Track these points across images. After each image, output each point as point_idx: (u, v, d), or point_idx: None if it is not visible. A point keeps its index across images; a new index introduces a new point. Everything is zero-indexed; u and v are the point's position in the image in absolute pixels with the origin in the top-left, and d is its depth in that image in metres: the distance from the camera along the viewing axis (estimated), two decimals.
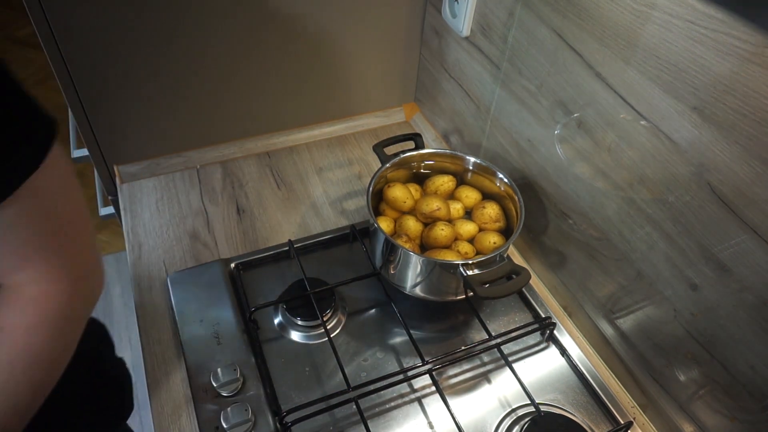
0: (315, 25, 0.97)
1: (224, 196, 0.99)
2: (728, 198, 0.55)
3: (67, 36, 0.81)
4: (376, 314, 0.84)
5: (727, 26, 0.50)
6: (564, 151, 0.77)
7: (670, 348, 0.67)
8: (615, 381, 0.79)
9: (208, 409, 0.69)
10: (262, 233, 0.93)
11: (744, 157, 0.52)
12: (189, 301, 0.81)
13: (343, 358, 0.74)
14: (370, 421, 0.71)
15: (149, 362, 0.76)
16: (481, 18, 0.87)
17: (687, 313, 0.63)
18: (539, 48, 0.76)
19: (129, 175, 1.00)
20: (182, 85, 0.95)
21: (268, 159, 1.07)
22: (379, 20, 1.02)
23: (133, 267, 0.86)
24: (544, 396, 0.76)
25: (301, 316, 0.79)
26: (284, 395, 0.73)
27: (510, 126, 0.88)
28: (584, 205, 0.76)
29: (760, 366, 0.56)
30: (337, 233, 0.92)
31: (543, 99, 0.78)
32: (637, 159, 0.65)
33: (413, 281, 0.78)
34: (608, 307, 0.77)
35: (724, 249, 0.57)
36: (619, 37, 0.62)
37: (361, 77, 1.10)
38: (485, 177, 0.85)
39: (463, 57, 0.96)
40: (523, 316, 0.86)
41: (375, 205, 0.83)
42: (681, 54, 0.55)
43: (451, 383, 0.77)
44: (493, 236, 0.79)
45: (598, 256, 0.76)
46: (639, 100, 0.62)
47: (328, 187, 1.03)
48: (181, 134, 1.02)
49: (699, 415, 0.66)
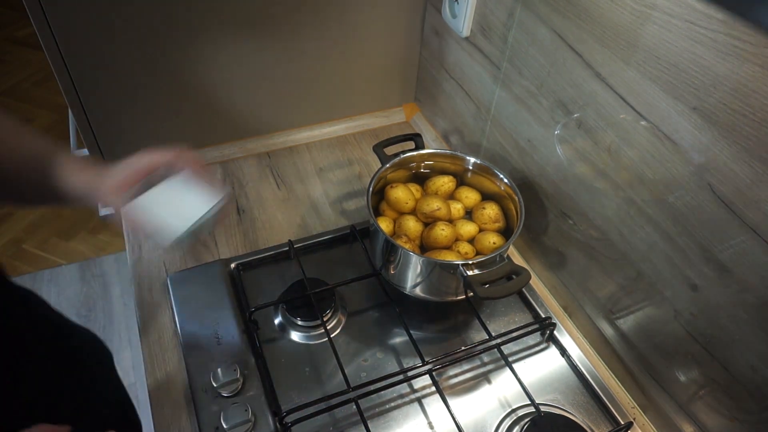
0: (315, 25, 0.97)
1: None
2: (728, 198, 0.54)
3: (67, 36, 0.82)
4: (376, 314, 0.84)
5: (727, 26, 0.50)
6: (564, 151, 0.77)
7: (670, 348, 0.67)
8: (615, 381, 0.79)
9: (208, 409, 0.69)
10: (262, 233, 0.93)
11: (744, 158, 0.52)
12: (189, 301, 0.81)
13: (343, 359, 0.74)
14: (370, 422, 0.71)
15: (149, 362, 0.76)
16: (481, 18, 0.87)
17: (687, 314, 0.63)
18: (539, 48, 0.76)
19: None
20: (182, 86, 0.95)
21: (268, 159, 1.07)
22: (379, 20, 1.02)
23: (133, 267, 0.86)
24: (544, 396, 0.76)
25: (301, 316, 0.79)
26: (284, 395, 0.73)
27: (510, 126, 0.88)
28: (584, 205, 0.76)
29: (760, 366, 0.56)
30: (337, 233, 0.92)
31: (543, 99, 0.78)
32: (637, 159, 0.65)
33: (413, 281, 0.78)
34: (608, 308, 0.77)
35: (724, 249, 0.57)
36: (619, 38, 0.62)
37: (361, 77, 1.10)
38: (485, 177, 0.85)
39: (463, 57, 0.96)
40: (523, 316, 0.86)
41: (375, 205, 0.83)
42: (681, 54, 0.55)
43: (451, 383, 0.77)
44: (493, 236, 0.79)
45: (598, 257, 0.76)
46: (639, 100, 0.62)
47: (328, 187, 1.03)
48: (181, 134, 1.02)
49: (699, 415, 0.66)
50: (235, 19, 0.90)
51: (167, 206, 0.60)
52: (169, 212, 0.60)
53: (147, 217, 0.60)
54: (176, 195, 0.62)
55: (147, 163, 0.61)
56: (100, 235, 2.17)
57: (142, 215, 0.60)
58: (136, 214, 0.59)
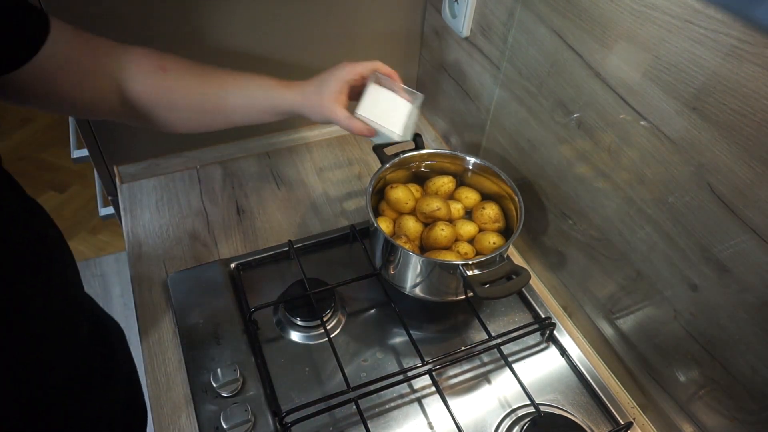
0: (315, 25, 0.97)
1: (224, 196, 0.99)
2: (728, 198, 0.54)
3: None
4: (376, 314, 0.84)
5: (727, 26, 0.50)
6: (564, 151, 0.77)
7: (670, 348, 0.67)
8: (615, 381, 0.79)
9: (208, 409, 0.70)
10: (262, 233, 0.93)
11: (744, 158, 0.52)
12: (189, 301, 0.81)
13: (342, 359, 0.74)
14: (370, 422, 0.71)
15: (149, 362, 0.76)
16: (481, 18, 0.87)
17: (687, 314, 0.63)
18: (539, 48, 0.76)
19: (129, 176, 1.00)
20: None
21: (268, 159, 1.07)
22: (379, 20, 1.02)
23: (133, 267, 0.86)
24: (543, 396, 0.76)
25: (301, 316, 0.79)
26: (284, 395, 0.73)
27: (510, 126, 0.88)
28: (584, 205, 0.76)
29: (760, 366, 0.56)
30: (337, 233, 0.92)
31: (543, 99, 0.78)
32: (637, 159, 0.65)
33: (413, 281, 0.78)
34: (608, 308, 0.77)
35: (724, 249, 0.57)
36: (619, 37, 0.62)
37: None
38: (485, 177, 0.85)
39: (463, 57, 0.96)
40: (523, 316, 0.86)
41: (375, 206, 0.84)
42: (681, 54, 0.55)
43: (451, 383, 0.77)
44: (492, 236, 0.79)
45: (598, 257, 0.76)
46: (639, 100, 0.62)
47: (328, 187, 1.03)
48: (181, 134, 1.02)
49: (699, 415, 0.66)
50: (235, 20, 0.90)
51: (384, 110, 0.72)
52: (388, 114, 0.72)
53: (372, 122, 0.71)
54: (387, 99, 0.73)
55: (354, 74, 0.71)
56: (100, 235, 2.17)
57: (368, 121, 0.71)
58: (364, 120, 0.71)
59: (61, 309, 0.58)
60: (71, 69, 0.59)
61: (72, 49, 0.58)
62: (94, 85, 0.62)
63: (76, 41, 0.59)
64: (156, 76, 0.65)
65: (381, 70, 0.73)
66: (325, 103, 0.69)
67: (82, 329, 0.63)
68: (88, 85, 0.61)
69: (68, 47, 0.58)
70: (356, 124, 0.70)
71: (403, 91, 0.75)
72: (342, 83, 0.70)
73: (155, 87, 0.66)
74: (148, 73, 0.65)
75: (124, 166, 1.00)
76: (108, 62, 0.62)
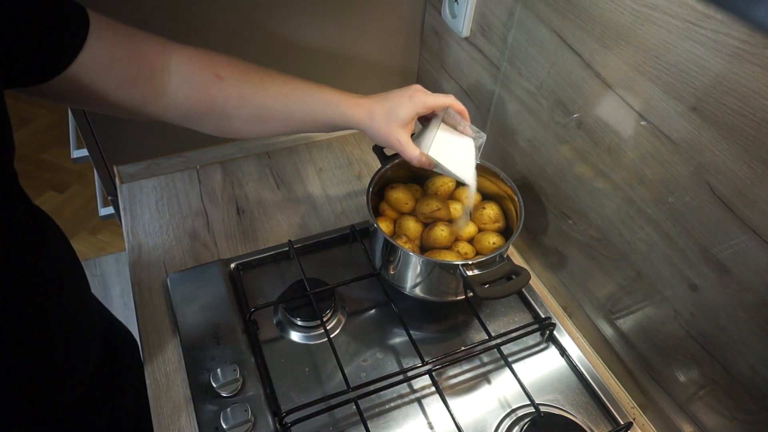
0: (315, 26, 0.97)
1: (224, 196, 0.99)
2: (728, 198, 0.54)
3: None
4: (375, 314, 0.84)
5: (727, 27, 0.50)
6: (564, 151, 0.77)
7: (670, 348, 0.67)
8: (615, 381, 0.79)
9: (208, 410, 0.69)
10: (262, 233, 0.93)
11: (744, 158, 0.52)
12: (189, 301, 0.81)
13: (342, 359, 0.74)
14: (370, 422, 0.71)
15: (149, 362, 0.76)
16: (481, 18, 0.87)
17: (687, 314, 0.63)
18: (539, 48, 0.76)
19: (129, 176, 1.00)
20: None
21: (267, 159, 1.07)
22: (379, 20, 1.02)
23: (133, 267, 0.86)
24: (543, 396, 0.76)
25: (301, 316, 0.79)
26: (284, 395, 0.73)
27: (510, 126, 0.88)
28: (584, 205, 0.76)
29: (759, 366, 0.56)
30: (336, 233, 0.92)
31: (543, 99, 0.78)
32: (637, 159, 0.65)
33: (413, 282, 0.78)
34: (608, 308, 0.77)
35: (724, 249, 0.57)
36: (619, 38, 0.62)
37: (361, 77, 1.09)
38: (485, 177, 0.85)
39: (463, 57, 0.96)
40: (522, 316, 0.86)
41: (375, 206, 0.83)
42: (681, 54, 0.55)
43: (451, 384, 0.77)
44: (492, 237, 0.79)
45: (597, 257, 0.76)
46: (639, 100, 0.62)
47: (328, 187, 1.03)
48: (181, 134, 1.01)
49: (699, 415, 0.66)
50: (234, 20, 0.90)
51: (453, 153, 0.72)
52: (457, 159, 0.72)
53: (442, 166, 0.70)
54: (455, 142, 0.73)
55: (427, 109, 0.69)
56: (100, 235, 2.17)
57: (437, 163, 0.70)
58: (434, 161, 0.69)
59: (73, 329, 0.57)
60: (113, 72, 0.54)
61: (114, 49, 0.53)
62: (136, 89, 0.57)
63: (118, 39, 0.54)
64: (210, 83, 0.61)
65: (454, 107, 0.71)
66: (392, 132, 0.67)
67: (92, 350, 0.62)
68: (129, 88, 0.56)
69: (110, 47, 0.53)
70: (423, 159, 0.69)
71: (470, 130, 0.73)
72: (414, 115, 0.68)
73: (209, 95, 0.61)
74: (202, 80, 0.61)
75: (124, 166, 1.00)
76: (154, 64, 0.57)
